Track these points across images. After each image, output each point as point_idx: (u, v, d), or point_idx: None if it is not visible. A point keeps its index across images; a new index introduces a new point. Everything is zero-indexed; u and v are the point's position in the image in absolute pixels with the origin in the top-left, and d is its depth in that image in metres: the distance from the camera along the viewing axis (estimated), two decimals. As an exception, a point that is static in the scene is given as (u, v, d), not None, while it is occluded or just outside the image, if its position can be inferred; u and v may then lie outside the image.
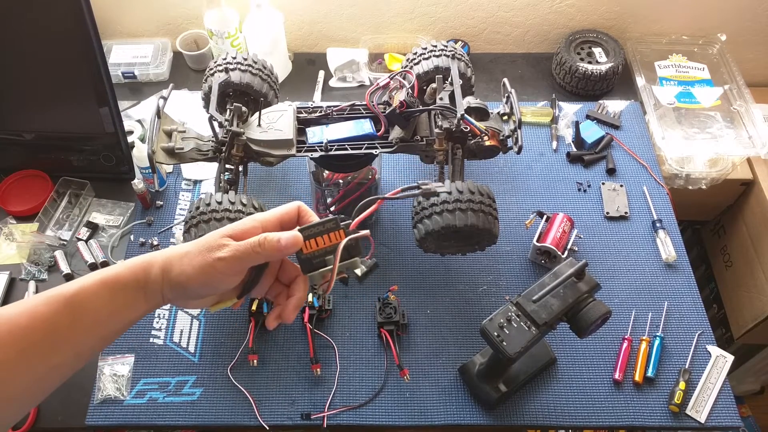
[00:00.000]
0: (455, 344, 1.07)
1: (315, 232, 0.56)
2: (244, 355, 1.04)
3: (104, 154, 1.23)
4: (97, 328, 0.55)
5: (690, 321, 1.11)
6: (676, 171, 1.35)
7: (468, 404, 1.02)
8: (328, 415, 1.00)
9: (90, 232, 1.20)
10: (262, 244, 0.55)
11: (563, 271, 0.85)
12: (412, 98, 0.98)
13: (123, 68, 1.47)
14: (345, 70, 1.48)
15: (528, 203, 1.25)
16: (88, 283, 0.55)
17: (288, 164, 1.14)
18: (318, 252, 0.56)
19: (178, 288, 0.56)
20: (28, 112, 1.20)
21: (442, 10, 1.50)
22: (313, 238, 0.56)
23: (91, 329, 0.55)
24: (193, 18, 1.51)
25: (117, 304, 0.55)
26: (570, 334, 0.88)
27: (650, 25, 1.53)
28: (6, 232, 1.19)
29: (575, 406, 1.02)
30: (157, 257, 0.57)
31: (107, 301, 0.55)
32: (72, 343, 0.54)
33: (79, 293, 0.54)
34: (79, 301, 0.54)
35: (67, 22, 1.05)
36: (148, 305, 0.57)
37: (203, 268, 0.54)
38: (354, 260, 0.58)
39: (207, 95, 1.10)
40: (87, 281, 0.55)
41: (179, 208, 1.24)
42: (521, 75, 1.53)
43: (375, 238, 1.19)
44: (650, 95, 1.43)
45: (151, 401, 1.01)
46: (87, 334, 0.55)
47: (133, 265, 0.56)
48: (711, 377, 1.04)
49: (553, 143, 1.35)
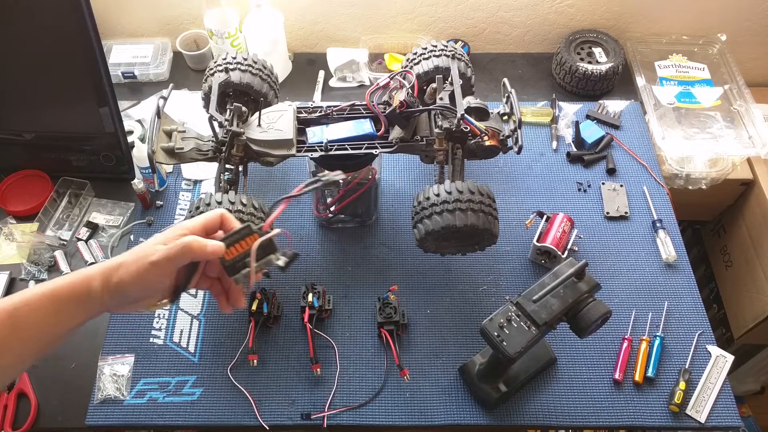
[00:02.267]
0: (455, 344, 1.07)
1: (234, 240, 0.64)
2: (244, 355, 1.04)
3: (104, 154, 1.23)
4: (37, 339, 0.63)
5: (690, 321, 1.11)
6: (676, 171, 1.35)
7: (468, 404, 1.02)
8: (328, 415, 1.00)
9: (90, 232, 1.20)
10: (189, 245, 0.62)
11: (563, 271, 0.85)
12: (412, 98, 0.98)
13: (123, 68, 1.47)
14: (345, 70, 1.48)
15: (528, 203, 1.25)
16: (31, 298, 0.61)
17: (288, 164, 1.14)
18: (239, 257, 0.65)
19: (118, 295, 0.63)
20: (28, 112, 1.20)
21: (442, 10, 1.50)
22: (233, 245, 0.64)
23: (31, 340, 0.62)
24: (193, 18, 1.51)
25: (58, 317, 0.62)
26: (570, 334, 0.88)
27: (650, 25, 1.53)
28: (6, 232, 1.19)
29: (575, 406, 1.02)
30: (95, 271, 0.63)
31: (49, 314, 0.62)
32: (12, 353, 0.61)
33: (21, 308, 0.61)
34: (22, 315, 0.61)
35: (67, 22, 1.05)
36: (87, 315, 0.64)
37: (139, 273, 0.62)
38: (269, 258, 0.66)
39: (207, 95, 1.10)
40: (30, 295, 0.62)
41: (179, 208, 1.24)
42: (521, 75, 1.53)
43: (375, 238, 1.20)
44: (650, 95, 1.43)
45: (151, 401, 1.01)
46: (27, 344, 0.62)
47: (73, 280, 0.63)
48: (711, 377, 1.04)
49: (553, 143, 1.35)
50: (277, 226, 0.67)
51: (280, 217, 0.64)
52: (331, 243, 1.20)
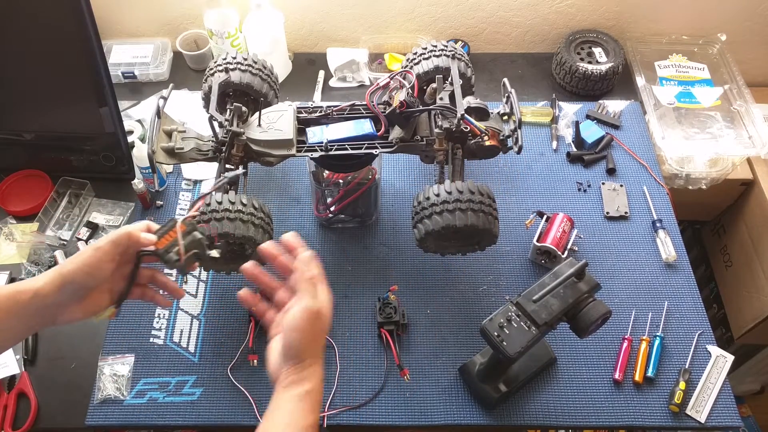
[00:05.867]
0: (455, 344, 1.07)
1: (163, 232, 0.75)
2: (244, 355, 1.04)
3: (104, 154, 1.23)
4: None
5: (690, 321, 1.11)
6: (676, 171, 1.35)
7: (468, 404, 1.02)
8: (328, 415, 1.00)
9: (90, 232, 1.20)
10: (129, 230, 0.72)
11: (563, 271, 0.85)
12: (412, 98, 0.98)
13: (123, 68, 1.47)
14: (345, 70, 1.49)
15: (528, 203, 1.25)
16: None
17: (288, 164, 1.14)
18: (168, 245, 0.75)
19: (66, 286, 0.70)
20: (28, 112, 1.20)
21: (442, 10, 1.50)
22: (163, 236, 0.75)
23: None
24: (193, 18, 1.51)
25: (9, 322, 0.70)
26: (570, 334, 0.88)
27: (650, 25, 1.53)
28: (6, 232, 1.19)
29: (575, 406, 1.02)
30: (42, 274, 0.72)
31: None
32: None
33: None
34: None
35: (67, 22, 1.05)
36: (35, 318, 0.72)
37: (83, 259, 0.70)
38: (193, 234, 0.77)
39: (207, 95, 1.10)
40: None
41: (179, 208, 1.24)
42: (521, 75, 1.53)
43: (375, 238, 1.20)
44: (650, 95, 1.43)
45: (151, 401, 1.01)
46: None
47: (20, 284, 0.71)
48: (711, 377, 1.04)
49: (553, 143, 1.35)
50: (277, 225, 0.68)
51: (280, 216, 0.65)
52: (331, 243, 1.20)
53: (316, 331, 0.68)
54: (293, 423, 0.64)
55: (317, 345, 0.69)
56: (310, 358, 0.68)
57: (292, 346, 0.67)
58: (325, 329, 0.70)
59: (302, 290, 0.69)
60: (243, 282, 1.12)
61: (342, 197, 1.13)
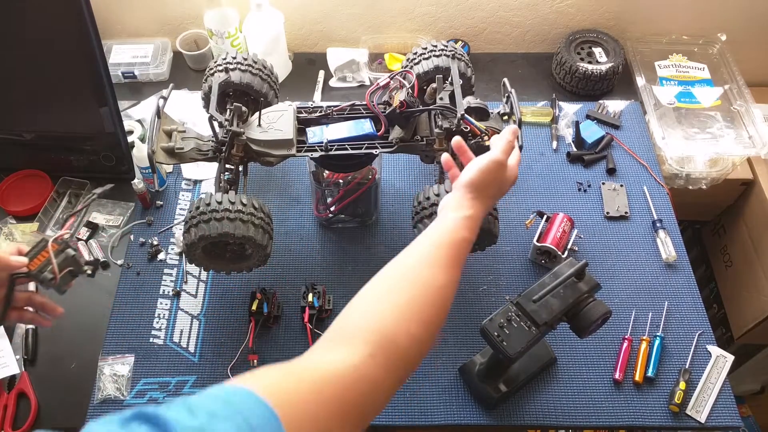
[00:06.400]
0: (455, 344, 1.07)
1: (35, 253, 0.77)
2: (244, 355, 1.04)
3: (104, 154, 1.23)
4: None
5: (690, 321, 1.11)
6: (676, 171, 1.35)
7: (468, 404, 1.02)
8: (328, 415, 0.99)
9: (90, 232, 1.20)
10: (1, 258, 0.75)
11: (563, 271, 0.85)
12: (412, 98, 0.98)
13: (123, 68, 1.47)
14: (345, 70, 1.48)
15: (528, 203, 1.25)
16: None
17: (288, 164, 1.14)
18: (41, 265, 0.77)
19: None
20: (28, 112, 1.20)
21: (442, 10, 1.50)
22: (35, 257, 0.77)
23: None
24: (193, 18, 1.51)
25: None
26: (570, 334, 0.88)
27: (650, 25, 1.53)
28: (6, 232, 1.19)
29: (575, 406, 1.02)
30: None
31: None
32: None
33: None
34: None
35: (67, 22, 1.05)
36: None
37: None
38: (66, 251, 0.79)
39: (207, 95, 1.10)
40: None
41: (179, 208, 1.24)
42: (521, 75, 1.53)
43: (375, 238, 1.20)
44: (650, 95, 1.43)
45: (151, 401, 1.01)
46: None
47: None
48: (711, 377, 1.04)
49: (553, 143, 1.35)
50: (277, 225, 0.68)
51: (280, 216, 0.64)
52: (331, 243, 1.20)
53: (494, 177, 0.75)
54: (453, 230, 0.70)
55: (491, 189, 0.76)
56: (481, 196, 0.73)
57: (469, 177, 0.74)
58: (503, 182, 0.76)
59: (496, 146, 0.76)
60: (243, 282, 1.13)
61: (342, 197, 1.13)
